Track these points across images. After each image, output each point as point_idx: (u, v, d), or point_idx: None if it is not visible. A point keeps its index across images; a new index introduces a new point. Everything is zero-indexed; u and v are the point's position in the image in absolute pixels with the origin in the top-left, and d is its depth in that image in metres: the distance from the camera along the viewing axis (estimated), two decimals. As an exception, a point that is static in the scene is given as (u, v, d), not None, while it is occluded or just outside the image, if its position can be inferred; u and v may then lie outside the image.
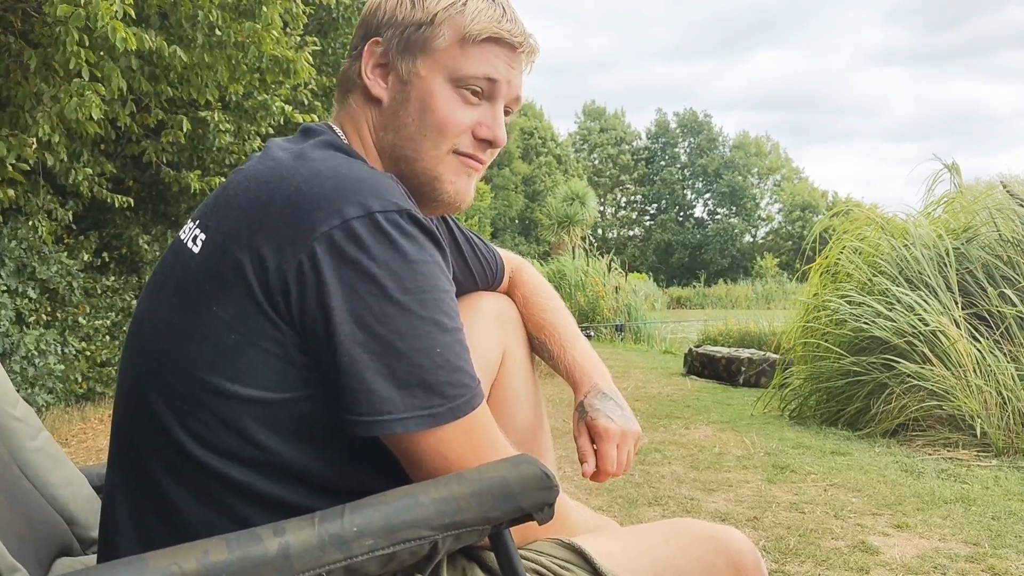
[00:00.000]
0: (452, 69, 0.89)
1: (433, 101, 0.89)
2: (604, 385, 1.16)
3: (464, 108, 0.91)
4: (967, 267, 4.54)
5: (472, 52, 0.90)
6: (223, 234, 0.79)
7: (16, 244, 4.80)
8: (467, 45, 0.89)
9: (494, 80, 0.91)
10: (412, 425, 0.74)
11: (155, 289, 0.87)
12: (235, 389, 0.77)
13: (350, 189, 0.76)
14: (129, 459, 0.85)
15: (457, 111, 0.90)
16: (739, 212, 50.48)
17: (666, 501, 3.00)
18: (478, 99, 0.91)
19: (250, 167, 0.85)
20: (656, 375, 7.31)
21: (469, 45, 0.89)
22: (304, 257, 0.73)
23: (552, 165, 40.43)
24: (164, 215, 6.67)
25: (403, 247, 0.75)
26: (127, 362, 0.88)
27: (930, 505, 2.92)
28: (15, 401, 1.02)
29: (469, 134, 0.92)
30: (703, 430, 4.48)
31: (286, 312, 0.75)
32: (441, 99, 0.89)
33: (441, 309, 0.77)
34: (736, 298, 25.07)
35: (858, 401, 4.39)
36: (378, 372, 0.74)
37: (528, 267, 1.31)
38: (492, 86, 0.91)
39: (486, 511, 0.71)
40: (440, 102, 0.89)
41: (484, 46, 0.90)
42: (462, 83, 0.90)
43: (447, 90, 0.90)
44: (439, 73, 0.90)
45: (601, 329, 11.91)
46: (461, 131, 0.91)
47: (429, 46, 0.90)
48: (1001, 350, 4.11)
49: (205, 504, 0.79)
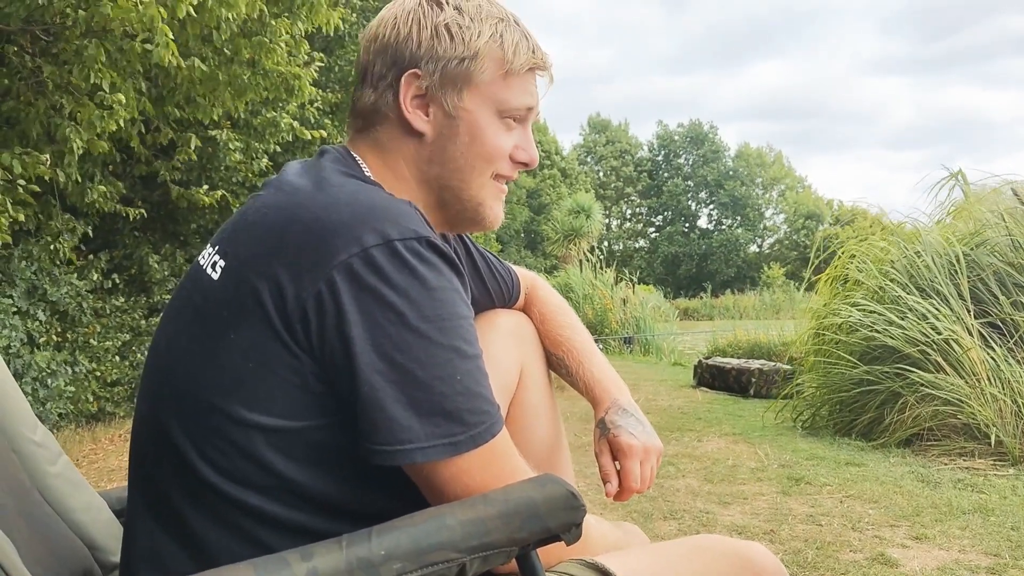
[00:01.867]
0: (499, 101, 0.92)
1: (482, 134, 0.92)
2: (624, 401, 1.16)
3: (507, 136, 0.94)
4: (978, 274, 4.51)
5: (514, 84, 0.93)
6: (241, 261, 0.79)
7: (27, 265, 4.82)
8: (510, 78, 0.92)
9: (532, 108, 0.95)
10: (433, 454, 0.74)
11: (173, 315, 0.87)
12: (252, 417, 0.76)
13: (368, 217, 0.76)
14: (148, 485, 0.86)
15: (503, 139, 0.94)
16: (743, 222, 50.45)
17: (681, 515, 2.98)
18: (517, 124, 0.95)
19: (268, 194, 0.85)
20: (666, 387, 7.28)
21: (512, 77, 0.92)
22: (323, 285, 0.73)
23: (557, 178, 40.51)
24: (173, 234, 6.71)
25: (422, 274, 0.75)
26: (145, 388, 0.88)
27: (948, 516, 2.89)
28: (34, 426, 1.02)
29: (507, 157, 0.95)
30: (716, 442, 4.46)
31: (304, 340, 0.75)
32: (489, 131, 0.92)
33: (461, 336, 0.76)
34: (744, 308, 25.01)
35: (871, 411, 4.36)
36: (398, 401, 0.73)
37: (544, 284, 1.31)
38: (529, 112, 0.95)
39: (513, 532, 0.70)
40: (488, 134, 0.92)
41: (524, 77, 0.94)
42: (508, 114, 0.93)
43: (495, 121, 0.93)
44: (487, 106, 0.92)
45: (610, 342, 11.88)
46: (504, 157, 0.94)
47: (473, 80, 0.91)
48: (1015, 358, 4.08)
49: (224, 530, 0.79)
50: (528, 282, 1.28)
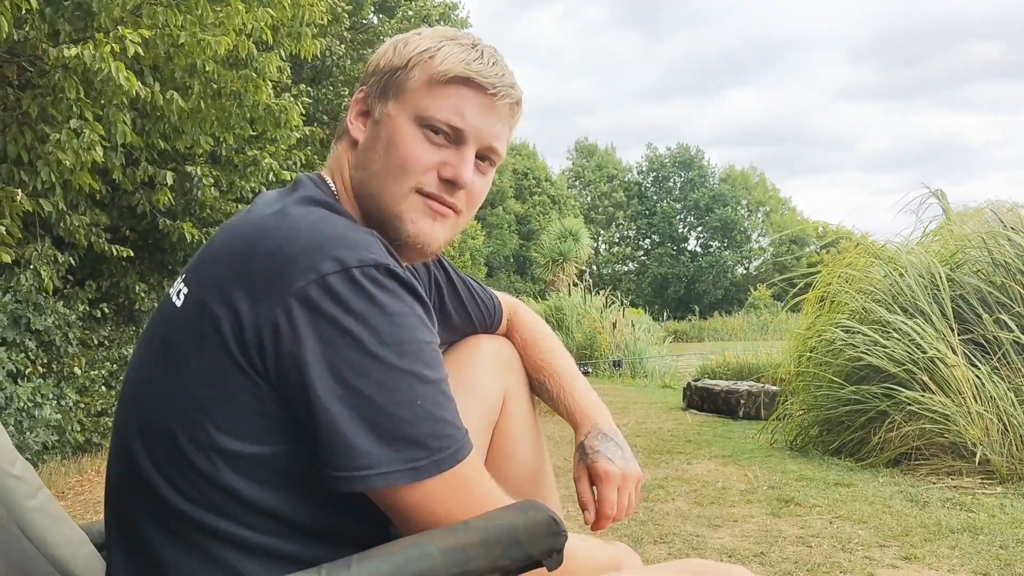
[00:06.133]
0: (419, 108, 0.90)
1: (397, 137, 0.90)
2: (604, 425, 1.16)
3: (427, 147, 0.90)
4: (959, 293, 4.55)
5: (439, 93, 0.90)
6: (203, 288, 0.79)
7: (11, 297, 4.78)
8: (434, 86, 0.90)
9: (458, 128, 0.90)
10: (395, 479, 0.73)
11: (143, 345, 0.88)
12: (217, 443, 0.76)
13: (327, 245, 0.76)
14: (122, 516, 0.86)
15: (419, 149, 0.90)
16: (731, 244, 50.76)
17: (671, 539, 2.96)
18: (446, 141, 0.90)
19: (235, 221, 0.86)
20: (655, 410, 7.27)
21: (436, 86, 0.90)
22: (280, 312, 0.73)
23: (547, 204, 40.66)
24: (161, 264, 6.68)
25: (380, 300, 0.75)
26: (117, 419, 0.89)
27: (937, 535, 2.89)
28: (13, 459, 1.01)
29: (434, 174, 0.90)
30: (705, 465, 4.45)
31: (261, 367, 0.75)
32: (404, 136, 0.90)
33: (421, 360, 0.76)
34: (732, 330, 25.05)
35: (859, 430, 4.37)
36: (358, 426, 0.73)
37: (525, 309, 1.32)
38: (457, 132, 0.90)
39: (495, 559, 0.70)
40: (403, 139, 0.90)
41: (452, 88, 0.90)
42: (426, 123, 0.90)
43: (412, 129, 0.90)
44: (406, 112, 0.90)
45: (600, 365, 11.87)
46: (423, 169, 0.90)
47: (401, 88, 0.91)
48: (1000, 376, 4.11)
49: (197, 558, 0.79)
50: (510, 308, 1.29)
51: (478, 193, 0.95)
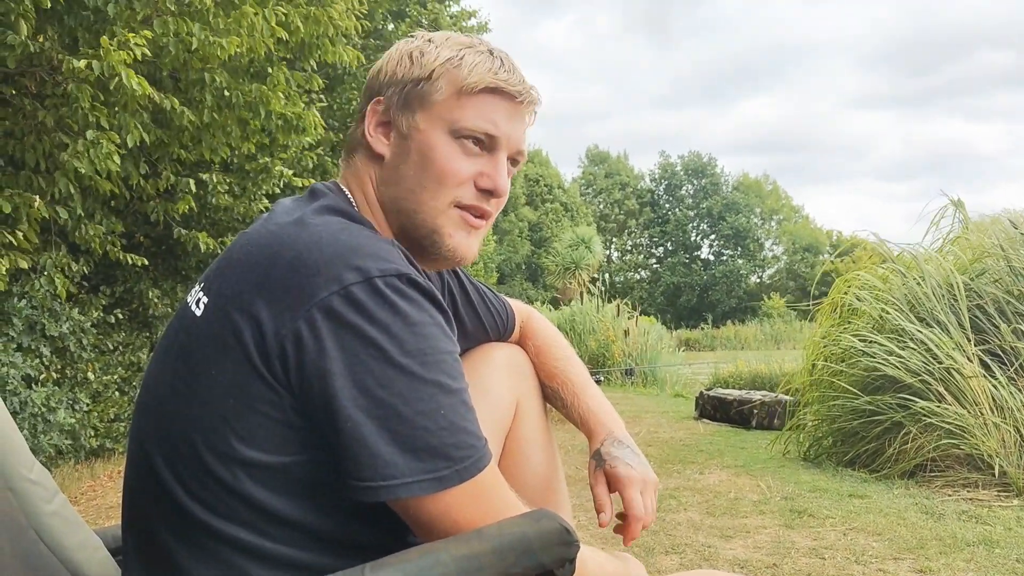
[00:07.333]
0: (451, 121, 0.90)
1: (432, 152, 0.90)
2: (619, 433, 1.16)
3: (464, 159, 0.90)
4: (977, 303, 4.51)
5: (469, 103, 0.90)
6: (224, 297, 0.79)
7: (26, 303, 4.83)
8: (464, 97, 0.90)
9: (493, 136, 0.91)
10: (418, 489, 0.74)
11: (162, 353, 0.88)
12: (237, 453, 0.76)
13: (349, 255, 0.76)
14: (139, 523, 0.86)
15: (456, 161, 0.90)
16: (744, 253, 50.56)
17: (683, 549, 2.95)
18: (479, 149, 0.91)
19: (254, 231, 0.86)
20: (668, 419, 7.24)
21: (466, 96, 0.90)
22: (303, 323, 0.73)
23: (560, 212, 40.67)
24: (175, 270, 6.73)
25: (403, 310, 0.75)
26: (135, 426, 0.88)
27: (952, 548, 2.86)
28: (31, 464, 1.02)
29: (471, 185, 0.91)
30: (718, 475, 4.42)
31: (284, 377, 0.75)
32: (440, 150, 0.90)
33: (443, 371, 0.76)
34: (745, 339, 24.96)
35: (874, 441, 4.33)
36: (381, 436, 0.73)
37: (538, 316, 1.32)
38: (492, 139, 0.91)
39: (507, 568, 0.70)
40: (439, 153, 0.90)
41: (482, 97, 0.90)
42: (460, 133, 0.90)
43: (446, 140, 0.90)
44: (438, 125, 0.90)
45: (612, 374, 11.83)
46: (461, 181, 0.90)
47: (428, 100, 0.91)
48: (1017, 386, 4.07)
49: (215, 567, 0.79)
50: (523, 315, 1.29)
51: (506, 197, 0.96)
